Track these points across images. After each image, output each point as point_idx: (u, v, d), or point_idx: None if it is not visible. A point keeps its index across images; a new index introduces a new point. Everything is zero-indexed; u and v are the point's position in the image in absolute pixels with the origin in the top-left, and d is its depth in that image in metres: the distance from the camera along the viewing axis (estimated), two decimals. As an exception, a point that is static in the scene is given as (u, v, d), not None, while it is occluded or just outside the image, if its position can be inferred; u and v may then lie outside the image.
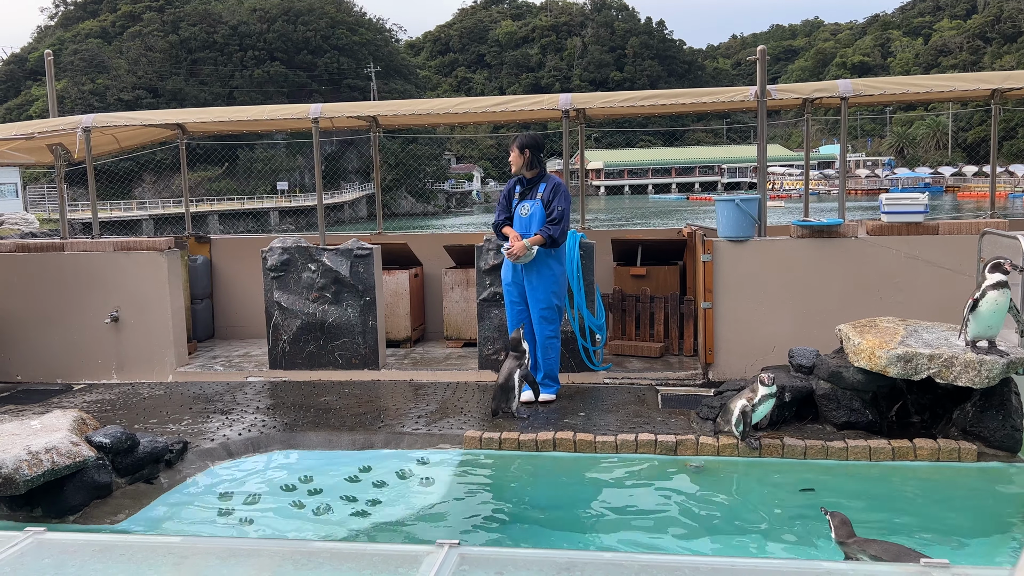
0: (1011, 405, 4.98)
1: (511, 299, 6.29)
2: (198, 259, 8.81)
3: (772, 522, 4.21)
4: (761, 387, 4.99)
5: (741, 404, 5.05)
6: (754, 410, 5.01)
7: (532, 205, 6.16)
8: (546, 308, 6.17)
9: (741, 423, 5.04)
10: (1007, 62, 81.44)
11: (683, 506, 4.42)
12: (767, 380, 4.98)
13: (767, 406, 5.03)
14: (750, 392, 5.07)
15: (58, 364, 7.48)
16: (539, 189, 6.19)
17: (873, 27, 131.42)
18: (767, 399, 5.01)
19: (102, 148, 9.04)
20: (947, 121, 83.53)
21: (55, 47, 67.31)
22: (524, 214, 6.17)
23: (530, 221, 6.13)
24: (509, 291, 6.29)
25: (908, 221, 6.57)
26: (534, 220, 6.12)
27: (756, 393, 5.02)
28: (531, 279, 6.16)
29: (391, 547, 2.61)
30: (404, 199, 68.96)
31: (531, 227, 6.11)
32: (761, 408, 5.02)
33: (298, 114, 7.89)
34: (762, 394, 4.99)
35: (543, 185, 6.20)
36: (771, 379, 4.99)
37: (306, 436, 5.63)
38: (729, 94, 7.31)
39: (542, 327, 6.19)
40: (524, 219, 6.17)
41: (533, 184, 6.23)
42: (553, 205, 6.08)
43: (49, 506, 4.43)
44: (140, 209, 48.79)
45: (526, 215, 6.16)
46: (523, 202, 6.21)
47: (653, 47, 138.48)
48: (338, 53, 79.56)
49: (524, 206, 6.19)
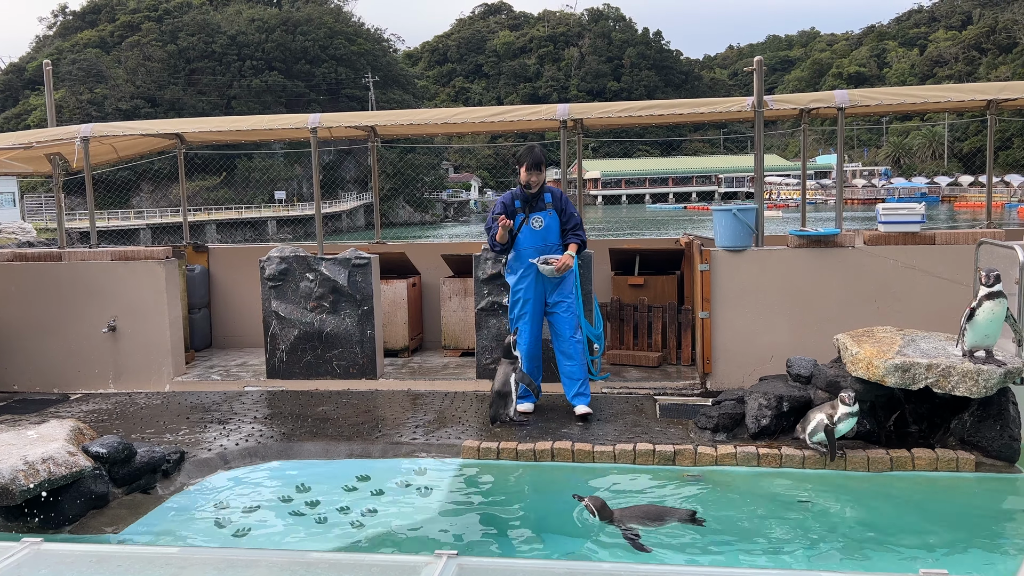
0: (1009, 415, 4.99)
1: (535, 316, 6.16)
2: (196, 268, 8.81)
3: (770, 532, 4.20)
4: (842, 406, 4.88)
5: (820, 417, 4.98)
6: (834, 427, 4.91)
7: (545, 217, 6.07)
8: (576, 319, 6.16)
9: (819, 433, 4.97)
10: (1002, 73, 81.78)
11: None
12: (848, 399, 4.87)
13: (848, 424, 4.92)
14: (830, 408, 4.96)
15: (55, 374, 7.46)
16: (544, 200, 6.12)
17: (869, 38, 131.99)
18: (847, 418, 4.89)
19: (100, 158, 9.05)
20: (943, 131, 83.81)
21: (53, 57, 67.38)
22: (538, 226, 6.06)
23: (546, 233, 6.06)
24: (535, 307, 6.14)
25: (905, 231, 6.59)
26: (551, 232, 6.07)
27: (836, 411, 4.90)
28: (559, 292, 6.10)
29: (390, 557, 2.60)
30: (402, 208, 69.00)
31: (547, 238, 6.06)
32: (842, 427, 4.91)
33: (296, 124, 7.90)
34: (842, 412, 4.88)
35: (547, 196, 6.13)
36: (852, 398, 4.87)
37: (303, 446, 5.62)
38: (726, 104, 7.34)
39: (574, 342, 6.12)
40: (539, 231, 6.06)
41: (536, 196, 6.12)
42: (569, 212, 6.10)
43: (46, 516, 4.41)
44: (138, 218, 48.75)
45: (540, 227, 6.06)
46: (533, 214, 6.08)
47: (650, 57, 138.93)
48: (336, 63, 79.72)
49: (536, 218, 6.07)
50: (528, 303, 6.13)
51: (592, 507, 4.20)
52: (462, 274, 8.27)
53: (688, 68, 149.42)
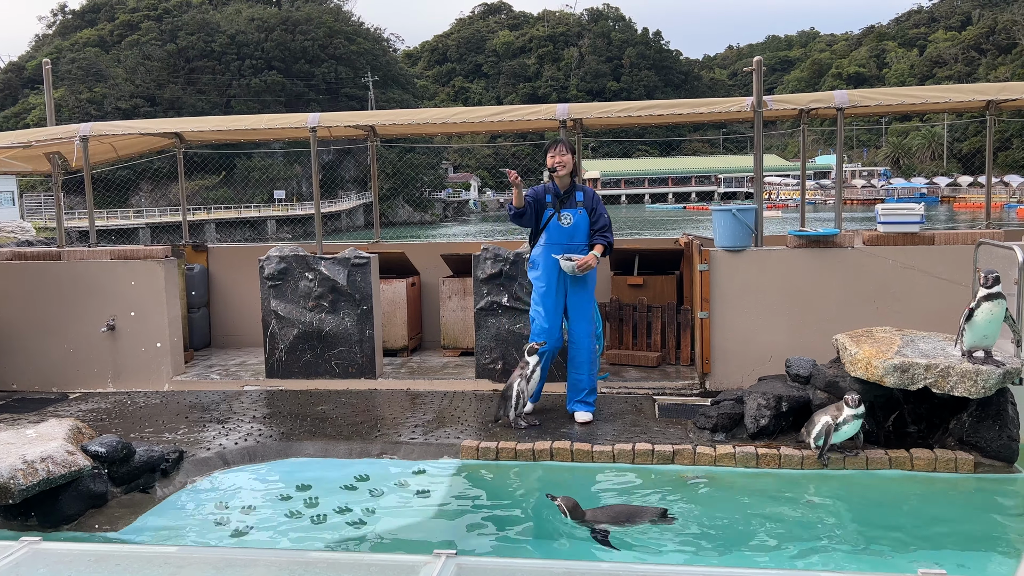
0: (1007, 415, 4.99)
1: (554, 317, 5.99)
2: (195, 268, 8.80)
3: (770, 532, 4.21)
4: (847, 408, 4.88)
5: (825, 420, 4.98)
6: (837, 429, 4.90)
7: (574, 215, 5.92)
8: (594, 319, 6.05)
9: (822, 439, 4.97)
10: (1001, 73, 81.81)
11: (681, 516, 4.41)
12: (852, 402, 4.87)
13: (852, 427, 4.91)
14: (836, 410, 4.97)
15: (54, 373, 7.46)
16: (576, 198, 5.95)
17: (868, 38, 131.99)
18: (852, 420, 4.89)
19: (100, 157, 9.04)
20: (942, 132, 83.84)
21: (53, 56, 67.30)
22: (566, 224, 5.91)
23: (573, 231, 5.91)
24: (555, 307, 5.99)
25: (904, 231, 6.59)
26: (579, 230, 5.92)
27: (841, 413, 4.91)
28: (579, 293, 5.97)
29: (389, 557, 2.60)
30: (401, 208, 68.96)
31: (575, 237, 5.91)
32: (846, 429, 4.90)
33: (296, 123, 7.90)
34: (847, 415, 4.88)
35: (579, 194, 5.96)
36: (856, 400, 4.87)
37: (303, 445, 5.61)
38: (726, 105, 7.34)
39: (590, 342, 6.00)
40: (567, 229, 5.91)
41: (569, 193, 5.95)
42: (599, 213, 5.96)
43: (44, 515, 4.41)
44: (137, 217, 48.72)
45: (568, 224, 5.91)
46: (562, 211, 5.92)
47: (650, 57, 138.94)
48: (336, 62, 79.66)
49: (565, 215, 5.91)
50: (548, 299, 5.97)
51: (564, 507, 4.23)
52: (461, 274, 8.27)
53: (688, 68, 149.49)
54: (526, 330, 6.92)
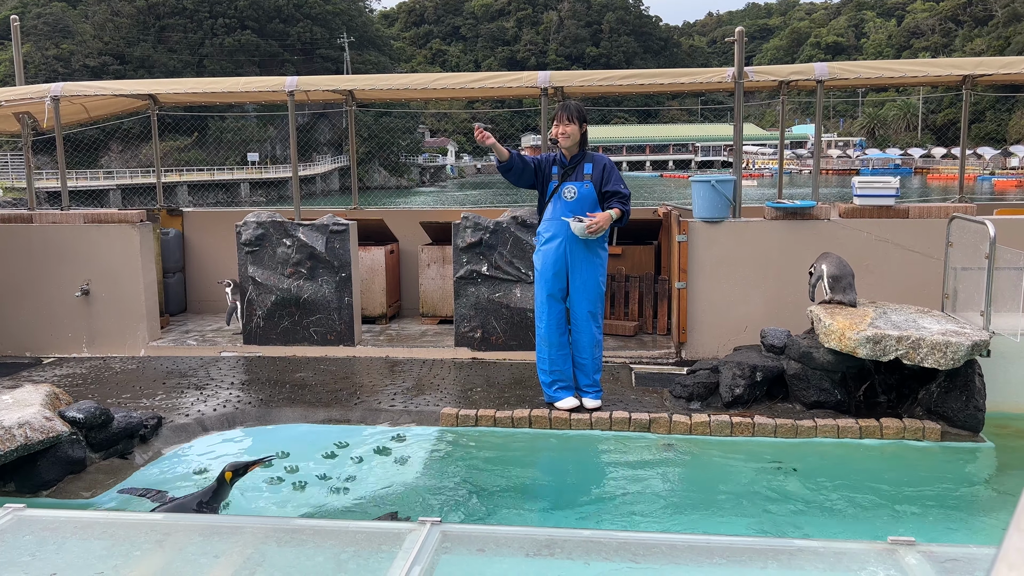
0: (974, 386, 5.12)
1: (553, 295, 5.46)
2: (170, 232, 8.70)
3: (745, 500, 4.31)
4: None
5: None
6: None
7: (579, 188, 5.33)
8: (597, 300, 5.45)
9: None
10: (977, 45, 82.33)
11: (658, 484, 4.51)
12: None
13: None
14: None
15: (27, 337, 7.37)
16: (584, 170, 5.37)
17: (848, 7, 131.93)
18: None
19: (71, 118, 8.85)
20: (918, 103, 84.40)
21: (18, 11, 65.28)
22: (570, 197, 5.32)
23: (577, 206, 5.31)
24: (550, 285, 5.43)
25: (880, 204, 6.67)
26: (585, 204, 5.31)
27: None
28: (581, 268, 5.37)
29: (374, 524, 2.64)
30: (377, 172, 68.25)
31: (578, 212, 5.29)
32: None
33: (274, 87, 7.78)
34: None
35: (588, 165, 5.37)
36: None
37: (282, 412, 5.63)
38: (707, 75, 7.34)
39: (589, 324, 5.44)
40: (571, 203, 5.31)
41: (575, 164, 5.39)
42: (613, 183, 5.34)
43: (22, 481, 4.40)
44: (107, 179, 47.77)
45: (572, 198, 5.32)
46: (566, 184, 5.35)
47: (629, 23, 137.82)
48: (311, 22, 78.11)
49: (569, 188, 5.33)
50: (547, 283, 5.45)
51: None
52: (440, 242, 8.26)
53: (667, 35, 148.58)
54: (506, 299, 6.95)
